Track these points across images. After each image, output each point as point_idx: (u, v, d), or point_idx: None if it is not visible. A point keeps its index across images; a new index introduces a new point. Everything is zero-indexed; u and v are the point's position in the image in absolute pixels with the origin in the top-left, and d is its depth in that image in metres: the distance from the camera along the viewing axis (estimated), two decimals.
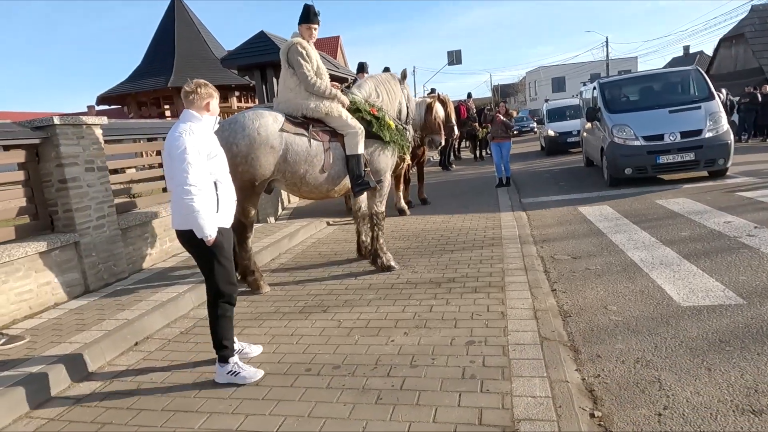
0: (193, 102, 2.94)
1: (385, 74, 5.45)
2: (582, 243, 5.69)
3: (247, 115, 4.53)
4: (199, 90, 2.95)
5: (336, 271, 5.25)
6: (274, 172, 4.57)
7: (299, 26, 4.72)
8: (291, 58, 4.61)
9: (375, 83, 5.25)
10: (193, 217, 2.79)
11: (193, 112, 2.94)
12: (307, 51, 4.62)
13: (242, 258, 4.66)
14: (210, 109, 3.02)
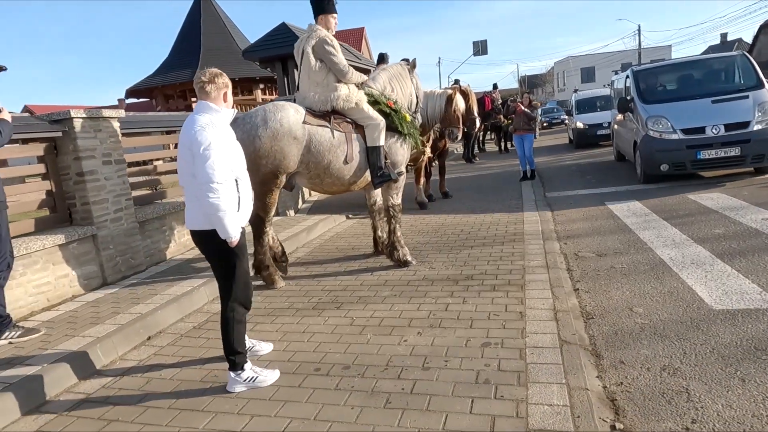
0: (210, 93, 2.72)
1: (396, 66, 5.32)
2: (608, 240, 5.46)
3: (268, 107, 4.48)
4: (217, 80, 2.73)
5: (352, 266, 5.17)
6: (298, 164, 4.50)
7: (321, 16, 4.60)
8: (320, 51, 4.50)
9: (388, 76, 5.15)
10: (218, 217, 2.60)
11: (211, 104, 2.72)
12: (334, 43, 4.55)
13: (258, 252, 4.62)
14: (227, 100, 2.81)
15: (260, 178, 4.36)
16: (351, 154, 4.65)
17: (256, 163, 4.29)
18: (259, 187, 4.43)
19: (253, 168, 4.33)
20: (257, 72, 18.86)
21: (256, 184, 4.44)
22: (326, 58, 4.52)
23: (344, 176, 4.73)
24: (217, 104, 2.74)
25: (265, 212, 4.56)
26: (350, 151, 4.64)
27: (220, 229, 2.65)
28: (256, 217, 4.55)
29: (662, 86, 9.26)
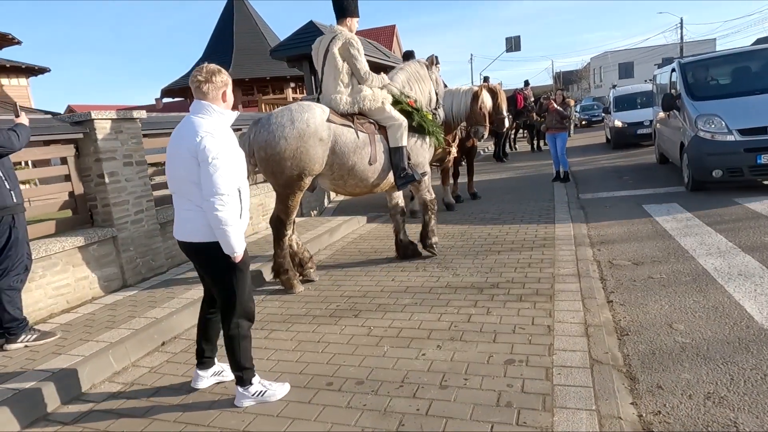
0: (207, 93, 2.48)
1: (414, 64, 5.19)
2: (645, 246, 5.13)
3: (294, 107, 4.38)
4: (214, 78, 2.48)
5: (373, 270, 5.01)
6: (323, 165, 4.40)
7: (345, 19, 4.54)
8: (345, 54, 4.44)
9: (407, 76, 5.05)
10: (224, 231, 2.41)
11: (213, 106, 2.48)
12: (359, 46, 4.50)
13: (277, 255, 4.52)
14: (226, 100, 2.56)
15: (285, 180, 4.29)
16: (375, 155, 4.58)
17: (281, 164, 4.21)
18: (282, 189, 4.36)
19: (277, 170, 4.26)
20: (288, 71, 18.93)
21: (280, 186, 4.36)
22: (349, 62, 4.46)
23: (368, 178, 4.64)
24: (216, 105, 2.51)
25: (287, 214, 4.47)
26: (374, 152, 4.57)
27: (225, 243, 2.46)
28: (276, 219, 4.47)
29: (714, 80, 8.24)
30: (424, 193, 5.16)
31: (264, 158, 4.28)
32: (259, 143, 4.28)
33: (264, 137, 4.26)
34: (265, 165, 4.31)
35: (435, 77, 5.27)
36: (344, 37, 4.44)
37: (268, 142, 4.23)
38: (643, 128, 13.89)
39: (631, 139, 14.41)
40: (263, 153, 4.27)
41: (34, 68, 19.34)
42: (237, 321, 2.67)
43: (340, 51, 4.43)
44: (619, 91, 17.37)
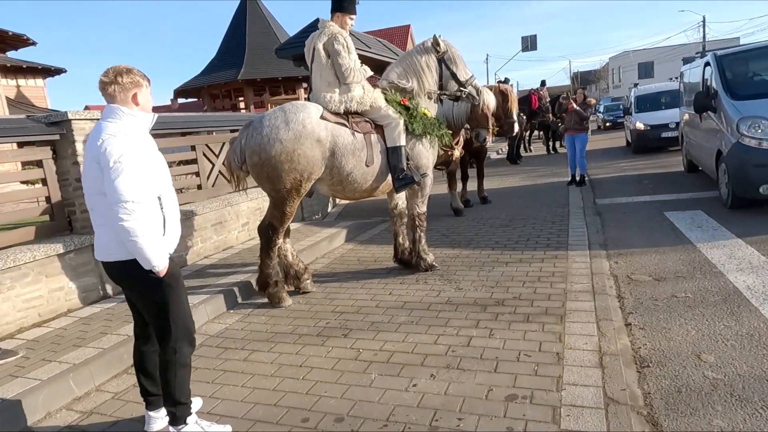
0: (115, 96, 2.21)
1: (412, 54, 4.68)
2: (668, 259, 4.69)
3: (288, 107, 4.09)
4: (120, 79, 2.21)
5: (370, 282, 4.66)
6: (322, 168, 4.10)
7: (338, 14, 4.24)
8: (330, 48, 4.14)
9: (404, 68, 4.64)
10: (135, 242, 2.12)
11: (121, 108, 2.21)
12: (348, 42, 4.18)
13: (265, 266, 4.19)
14: (139, 103, 2.27)
15: (281, 185, 3.98)
16: (372, 156, 4.27)
17: (277, 169, 3.92)
18: (279, 195, 4.05)
19: (274, 175, 3.95)
20: (300, 71, 18.71)
21: (276, 191, 4.05)
22: (333, 56, 4.14)
23: (366, 181, 4.34)
24: (127, 107, 2.23)
25: (281, 222, 4.15)
26: (371, 152, 4.26)
27: (140, 257, 2.18)
28: (268, 226, 4.15)
29: (758, 75, 7.01)
30: (418, 202, 4.72)
31: (258, 163, 3.97)
32: (252, 147, 3.97)
33: (257, 141, 3.95)
34: (260, 170, 3.99)
35: (451, 54, 4.67)
36: (329, 33, 4.16)
37: (261, 146, 3.92)
38: (668, 131, 12.62)
39: (654, 143, 13.14)
40: (256, 158, 3.96)
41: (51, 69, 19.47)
42: (174, 345, 2.35)
43: (325, 47, 4.16)
44: (641, 90, 16.03)
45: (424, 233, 4.83)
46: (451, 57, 4.68)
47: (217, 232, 5.79)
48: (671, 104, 13.11)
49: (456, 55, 4.70)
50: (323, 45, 4.15)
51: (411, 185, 4.47)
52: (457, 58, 4.71)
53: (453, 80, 4.69)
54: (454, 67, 4.68)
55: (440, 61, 4.64)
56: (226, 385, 2.99)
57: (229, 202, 5.91)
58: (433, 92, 4.69)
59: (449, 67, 4.66)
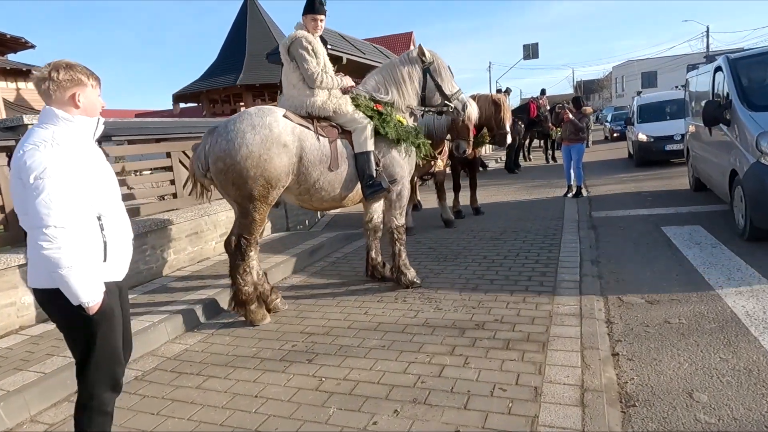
0: (51, 95, 1.92)
1: (394, 63, 4.53)
2: (662, 278, 4.42)
3: (253, 111, 3.88)
4: (56, 75, 1.91)
5: (347, 299, 4.40)
6: (289, 175, 3.88)
7: (303, 17, 4.11)
8: (294, 52, 3.99)
9: (383, 78, 4.46)
10: (62, 276, 1.83)
11: (56, 112, 1.93)
12: (313, 45, 3.99)
13: (240, 283, 3.91)
14: (80, 104, 1.97)
15: (248, 192, 3.74)
16: (338, 162, 4.06)
17: (242, 175, 3.68)
18: (246, 203, 3.80)
19: (240, 181, 3.71)
20: None
21: (243, 199, 3.79)
22: (296, 60, 3.98)
23: (334, 189, 4.12)
24: (64, 110, 1.94)
25: (251, 232, 3.89)
26: (338, 158, 4.05)
27: (66, 290, 1.87)
28: (237, 240, 3.88)
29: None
30: (395, 214, 4.50)
31: (223, 170, 3.73)
32: (217, 153, 3.74)
33: (222, 146, 3.72)
34: (225, 177, 3.75)
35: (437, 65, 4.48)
36: (294, 36, 4.01)
37: (226, 152, 3.69)
38: (672, 143, 11.88)
39: (657, 155, 12.31)
40: (221, 164, 3.72)
41: None
42: (92, 390, 2.04)
43: (290, 50, 4.01)
44: (644, 99, 15.01)
45: (404, 247, 4.59)
46: (437, 68, 4.49)
47: (193, 243, 5.55)
48: (676, 114, 12.43)
49: (442, 67, 4.52)
50: (287, 48, 4.02)
51: (380, 192, 4.24)
52: (444, 70, 4.52)
53: (438, 93, 4.50)
54: (440, 80, 4.49)
55: (425, 71, 4.45)
56: (171, 417, 2.73)
57: (206, 211, 5.67)
58: (416, 108, 4.50)
59: (434, 79, 4.47)
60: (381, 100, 4.31)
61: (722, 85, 6.08)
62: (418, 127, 4.60)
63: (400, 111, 4.39)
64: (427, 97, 4.52)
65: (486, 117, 7.19)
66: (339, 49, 9.83)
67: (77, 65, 1.99)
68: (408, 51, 4.57)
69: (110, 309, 2.01)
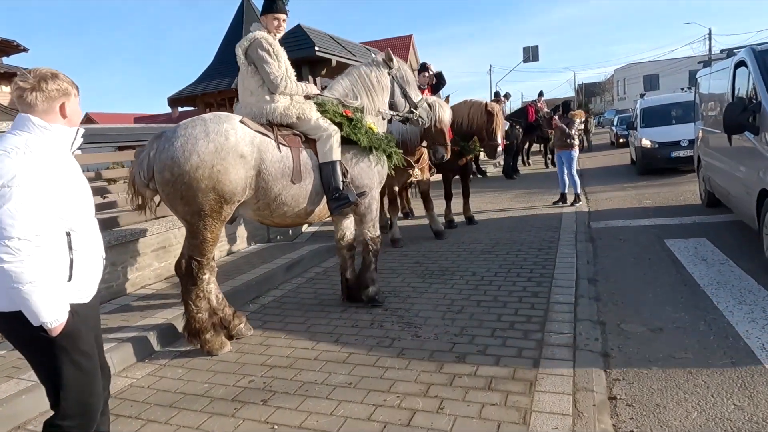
0: (35, 105, 1.83)
1: (362, 68, 4.24)
2: (666, 301, 4.01)
3: (208, 117, 3.49)
4: (44, 85, 1.83)
5: (319, 324, 4.00)
6: (246, 189, 3.49)
7: (262, 17, 3.76)
8: (252, 55, 3.63)
9: (351, 82, 4.15)
10: (22, 292, 1.68)
11: (32, 119, 1.82)
12: (274, 47, 3.66)
13: (194, 310, 3.50)
14: (67, 115, 1.90)
15: (199, 207, 3.34)
16: (301, 174, 3.69)
17: (192, 187, 3.28)
18: (196, 220, 3.40)
19: (189, 194, 3.30)
20: None
21: (192, 215, 3.40)
22: (256, 63, 3.62)
23: (298, 203, 3.76)
24: (45, 119, 1.83)
25: (203, 252, 3.49)
26: (301, 169, 3.69)
27: (26, 309, 1.70)
28: (188, 262, 3.48)
29: None
30: (368, 227, 4.22)
31: (169, 180, 3.30)
32: (163, 161, 3.31)
33: (169, 153, 3.30)
34: (172, 189, 3.32)
35: (403, 74, 4.32)
36: (252, 37, 3.64)
37: (174, 160, 3.27)
38: (679, 150, 10.82)
39: (662, 163, 11.20)
40: (168, 174, 3.29)
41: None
42: (61, 423, 1.86)
43: (247, 53, 3.65)
44: (648, 101, 13.81)
45: (376, 258, 4.31)
46: (404, 75, 4.30)
47: (160, 258, 5.16)
48: (683, 118, 11.48)
49: (408, 74, 4.34)
50: (244, 51, 3.64)
51: (347, 206, 3.89)
52: (410, 77, 4.36)
53: (405, 100, 4.33)
54: (407, 86, 4.31)
55: (392, 78, 4.24)
56: None
57: (175, 223, 5.27)
58: (385, 112, 4.24)
59: (402, 86, 4.28)
60: (350, 106, 3.96)
61: (746, 84, 5.06)
62: (389, 135, 4.31)
63: (371, 117, 4.11)
64: (394, 104, 4.35)
65: (477, 126, 6.82)
66: (328, 51, 9.47)
67: (60, 74, 1.91)
68: (374, 57, 4.33)
69: (76, 331, 1.84)
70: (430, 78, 8.18)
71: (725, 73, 5.84)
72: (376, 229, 4.26)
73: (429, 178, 6.81)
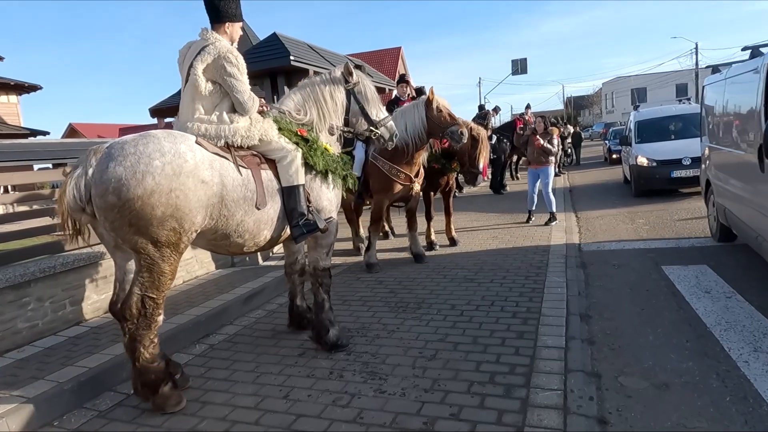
0: None
1: (316, 80, 3.78)
2: (669, 345, 3.50)
3: (162, 134, 2.93)
4: None
5: (269, 373, 3.44)
6: (206, 218, 2.99)
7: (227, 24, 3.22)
8: (217, 71, 3.10)
9: (303, 97, 3.70)
10: None
11: None
12: (240, 63, 3.18)
13: (149, 359, 2.94)
14: None
15: (151, 236, 2.79)
16: (263, 198, 3.24)
17: (145, 214, 2.73)
18: (148, 252, 2.82)
19: (141, 223, 2.71)
20: None
21: (143, 244, 2.80)
22: (225, 82, 3.12)
23: (260, 231, 3.30)
24: None
25: (159, 289, 2.92)
26: (262, 193, 3.23)
27: None
28: (140, 300, 2.88)
29: None
30: (321, 254, 3.72)
31: (115, 205, 2.70)
32: (105, 182, 2.70)
33: (116, 173, 2.70)
34: (118, 215, 2.72)
35: (363, 88, 3.85)
36: (217, 50, 3.09)
37: (122, 181, 2.68)
38: (681, 169, 9.49)
39: (661, 184, 9.85)
40: (113, 198, 2.69)
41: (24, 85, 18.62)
42: None
43: (209, 67, 3.10)
44: (644, 113, 12.12)
45: (329, 296, 3.79)
46: (363, 91, 3.84)
47: (100, 290, 4.57)
48: (683, 133, 10.51)
49: (369, 90, 3.88)
50: (205, 65, 3.08)
51: (313, 233, 3.45)
52: (370, 93, 3.89)
53: (363, 118, 3.87)
54: (366, 103, 3.85)
55: (349, 93, 3.78)
56: None
57: None
58: (336, 127, 3.77)
59: (359, 102, 3.82)
60: (303, 124, 3.53)
61: None
62: (345, 157, 3.87)
63: (324, 135, 3.68)
64: (351, 121, 3.88)
65: (460, 149, 6.33)
66: (304, 60, 8.99)
67: None
68: (333, 70, 3.86)
69: None
70: (411, 90, 7.75)
71: (750, 78, 4.60)
72: (328, 258, 3.76)
73: (419, 194, 6.32)
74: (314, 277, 3.73)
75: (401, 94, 7.62)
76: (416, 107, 5.68)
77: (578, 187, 13.25)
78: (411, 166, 5.82)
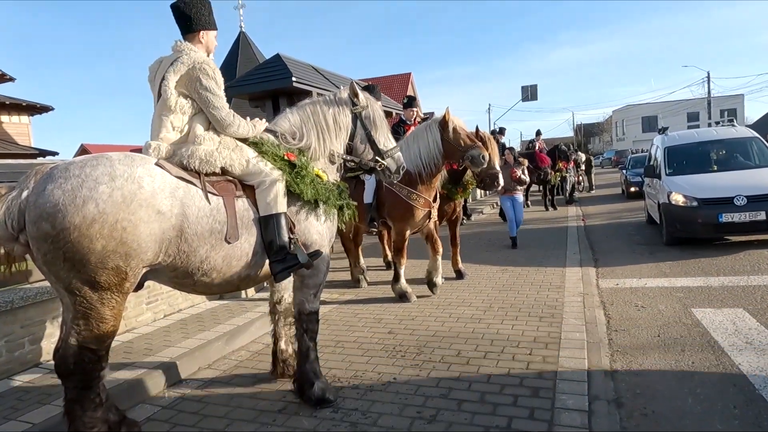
0: None
1: (318, 101, 3.38)
2: (714, 412, 2.96)
3: (115, 157, 2.54)
4: None
5: (244, 417, 2.95)
6: (160, 254, 2.55)
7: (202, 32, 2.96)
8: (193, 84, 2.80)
9: (301, 118, 3.27)
10: None
11: None
12: (218, 76, 2.88)
13: (83, 424, 2.51)
14: None
15: (88, 275, 2.36)
16: (235, 230, 2.79)
17: (81, 246, 2.31)
18: (84, 292, 2.39)
19: (77, 257, 2.27)
20: None
21: (79, 283, 2.38)
22: (201, 96, 2.81)
23: (232, 269, 2.84)
24: None
25: (99, 339, 2.50)
26: (239, 226, 2.82)
27: None
28: (77, 352, 2.45)
29: None
30: (307, 295, 3.23)
31: (48, 235, 2.29)
32: (41, 207, 2.31)
33: (52, 198, 2.30)
34: (51, 247, 2.31)
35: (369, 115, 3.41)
36: (192, 60, 2.79)
37: (58, 208, 2.29)
38: (734, 211, 6.98)
39: (705, 231, 7.33)
40: (47, 226, 2.29)
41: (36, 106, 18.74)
42: None
43: (183, 79, 2.79)
44: (676, 137, 9.38)
45: (314, 341, 3.29)
46: (372, 116, 3.40)
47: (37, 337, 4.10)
48: (729, 163, 8.31)
49: (378, 115, 3.44)
50: (176, 78, 2.76)
51: (296, 269, 2.97)
52: (379, 119, 3.45)
53: (369, 146, 3.42)
54: (373, 130, 3.40)
55: (355, 117, 3.36)
56: None
57: None
58: (338, 155, 3.34)
59: (366, 128, 3.38)
60: (293, 148, 3.12)
61: None
62: (342, 184, 3.38)
63: (322, 162, 3.26)
64: (355, 148, 3.43)
65: None
66: (307, 82, 8.70)
67: None
68: (339, 91, 3.44)
69: None
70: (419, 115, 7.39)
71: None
72: (316, 300, 3.28)
73: (437, 222, 5.90)
74: (299, 322, 3.25)
75: (408, 118, 7.25)
76: (429, 130, 5.28)
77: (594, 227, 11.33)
78: (429, 190, 5.43)
